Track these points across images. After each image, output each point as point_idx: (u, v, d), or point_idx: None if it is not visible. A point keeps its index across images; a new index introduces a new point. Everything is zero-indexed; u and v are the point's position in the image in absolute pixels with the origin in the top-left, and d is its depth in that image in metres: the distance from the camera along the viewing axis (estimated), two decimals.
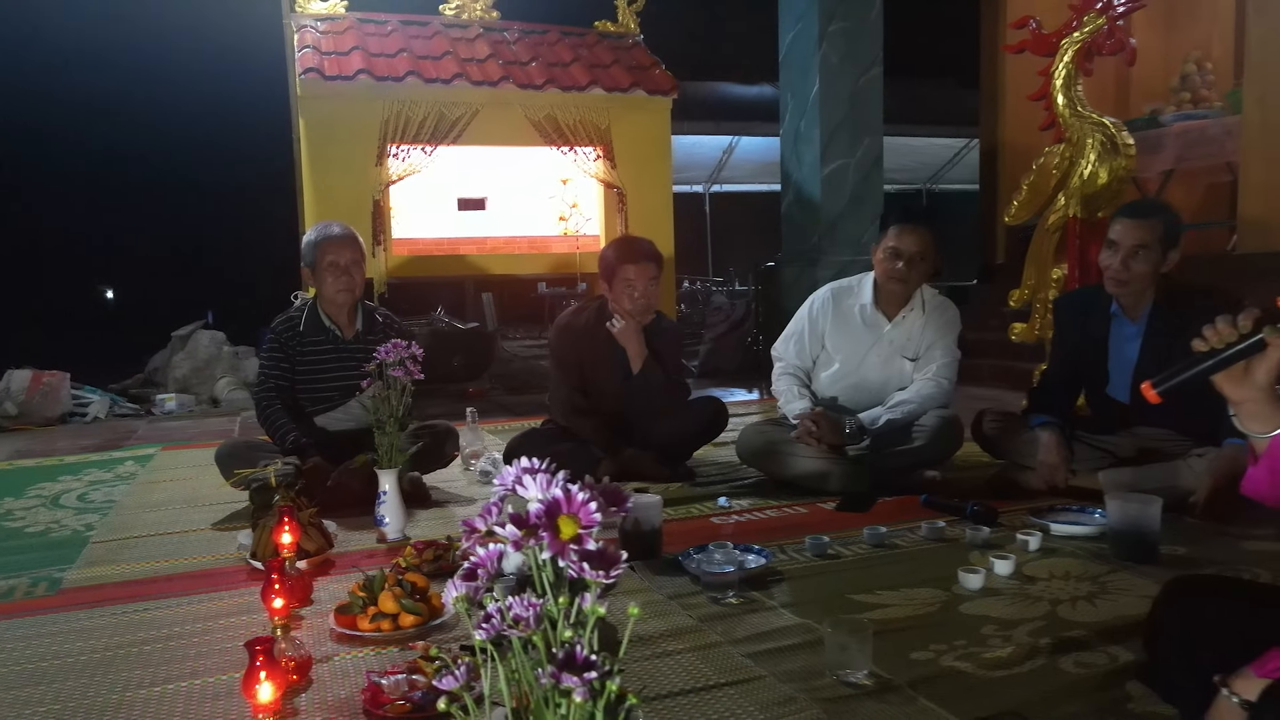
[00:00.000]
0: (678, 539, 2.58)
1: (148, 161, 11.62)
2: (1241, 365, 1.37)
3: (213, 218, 11.93)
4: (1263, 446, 1.41)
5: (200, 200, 11.87)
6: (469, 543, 0.82)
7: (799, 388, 3.37)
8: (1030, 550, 2.43)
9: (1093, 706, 1.58)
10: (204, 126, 11.31)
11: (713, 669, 1.78)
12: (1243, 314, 1.37)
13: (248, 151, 10.93)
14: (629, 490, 2.62)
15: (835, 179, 6.72)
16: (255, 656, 1.40)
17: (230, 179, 11.60)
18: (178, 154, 11.70)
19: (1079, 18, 4.43)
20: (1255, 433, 1.41)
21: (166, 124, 11.37)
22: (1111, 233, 2.93)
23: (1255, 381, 1.36)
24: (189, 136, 11.51)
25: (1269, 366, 1.35)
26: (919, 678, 1.71)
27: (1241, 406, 1.40)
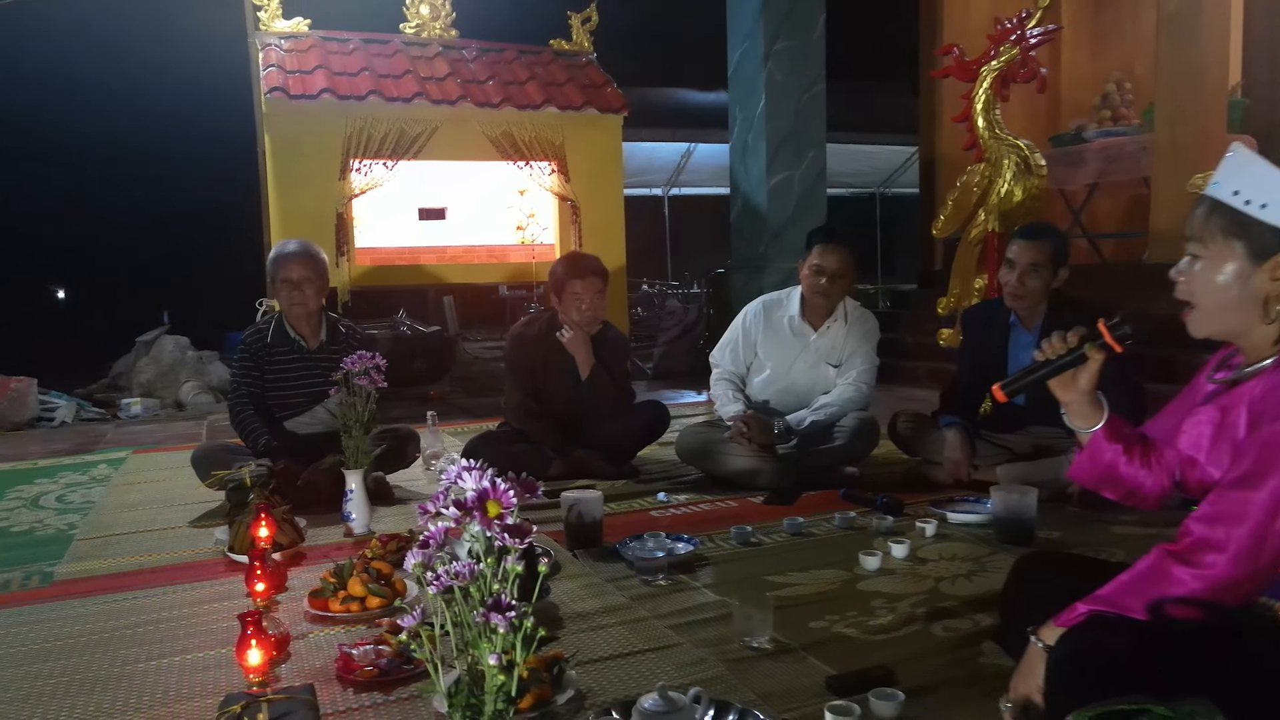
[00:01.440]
0: (619, 530, 2.87)
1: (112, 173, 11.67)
2: (1070, 374, 1.68)
3: (176, 228, 12.00)
4: (1085, 439, 1.73)
5: (164, 211, 11.94)
6: (423, 521, 1.10)
7: (733, 392, 3.67)
8: (926, 536, 2.76)
9: (950, 660, 1.91)
10: (169, 139, 11.37)
11: (639, 638, 2.08)
12: (1071, 332, 1.68)
13: (213, 164, 11.03)
14: (576, 487, 2.91)
15: (781, 190, 7.06)
16: (246, 627, 1.67)
17: (195, 191, 11.69)
18: (143, 166, 11.76)
19: (996, 48, 4.79)
20: (1080, 428, 1.73)
21: (131, 137, 11.41)
22: (1009, 252, 3.27)
23: (1079, 387, 1.68)
24: (154, 148, 11.57)
25: (1089, 375, 1.67)
26: (811, 642, 2.02)
27: (1069, 406, 1.72)
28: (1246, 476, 1.37)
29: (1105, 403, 1.70)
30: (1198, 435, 1.54)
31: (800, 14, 6.90)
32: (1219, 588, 1.38)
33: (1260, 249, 1.40)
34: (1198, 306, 1.49)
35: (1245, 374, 1.48)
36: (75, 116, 11.20)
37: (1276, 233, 1.38)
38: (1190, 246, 1.49)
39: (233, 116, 7.23)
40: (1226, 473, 1.43)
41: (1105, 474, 1.73)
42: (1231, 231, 1.42)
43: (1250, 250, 1.41)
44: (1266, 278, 1.41)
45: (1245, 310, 1.44)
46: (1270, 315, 1.42)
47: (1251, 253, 1.41)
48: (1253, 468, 1.37)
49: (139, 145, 11.49)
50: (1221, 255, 1.44)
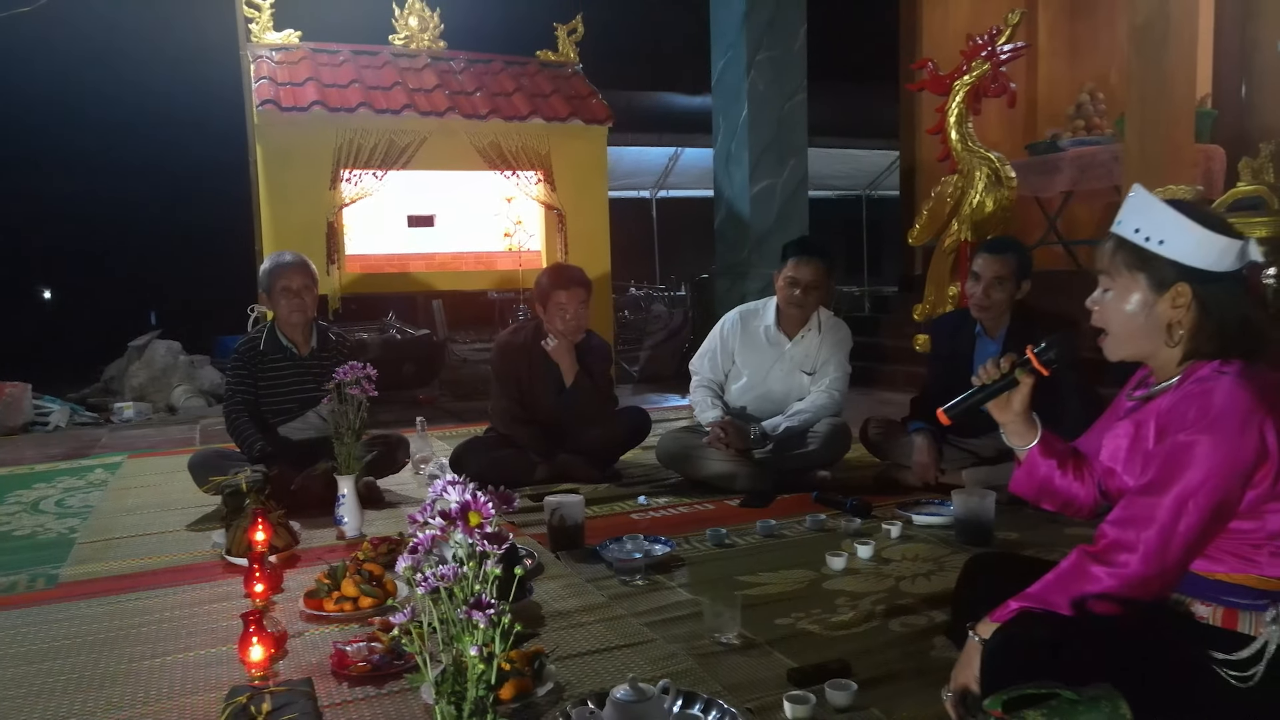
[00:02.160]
0: (600, 532, 3.00)
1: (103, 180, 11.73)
2: (1005, 396, 1.83)
3: (166, 235, 12.07)
4: (1022, 456, 1.88)
5: (154, 218, 12.01)
6: (412, 529, 1.23)
7: (712, 399, 3.82)
8: (892, 537, 2.91)
9: (903, 654, 2.05)
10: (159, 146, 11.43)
11: (615, 635, 2.21)
12: (1004, 358, 1.83)
13: (203, 172, 11.12)
14: (559, 490, 3.04)
15: (763, 197, 7.20)
16: (248, 625, 1.80)
17: (186, 198, 11.76)
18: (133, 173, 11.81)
19: (968, 63, 4.96)
20: (1017, 446, 1.88)
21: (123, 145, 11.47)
22: (975, 266, 3.42)
23: (1014, 408, 1.83)
24: (145, 157, 11.63)
25: (1021, 397, 1.81)
26: (777, 637, 2.16)
27: (1006, 426, 1.87)
28: (1153, 483, 1.52)
29: (1038, 422, 1.85)
30: (1115, 447, 1.69)
31: (782, 25, 7.05)
32: (1132, 585, 1.52)
33: (1160, 280, 1.56)
34: (1110, 333, 1.65)
35: (1155, 391, 1.63)
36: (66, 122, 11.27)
37: (1173, 265, 1.54)
38: (1101, 279, 1.64)
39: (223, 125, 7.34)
40: (1136, 480, 1.58)
41: (1042, 487, 1.88)
42: (1135, 265, 1.58)
43: (1152, 282, 1.57)
44: (1167, 306, 1.56)
45: (1151, 335, 1.59)
46: (1173, 339, 1.57)
47: (1153, 284, 1.57)
48: (1158, 475, 1.52)
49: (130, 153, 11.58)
50: (1128, 287, 1.60)
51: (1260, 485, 1.50)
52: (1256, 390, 1.50)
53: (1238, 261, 1.56)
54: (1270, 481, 1.50)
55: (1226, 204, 3.78)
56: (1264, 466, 1.49)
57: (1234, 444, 1.48)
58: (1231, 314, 1.56)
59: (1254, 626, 1.55)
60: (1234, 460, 1.48)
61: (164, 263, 12.46)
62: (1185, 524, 1.49)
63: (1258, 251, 1.56)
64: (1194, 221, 1.54)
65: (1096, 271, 1.65)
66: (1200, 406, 1.52)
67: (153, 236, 12.20)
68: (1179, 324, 1.57)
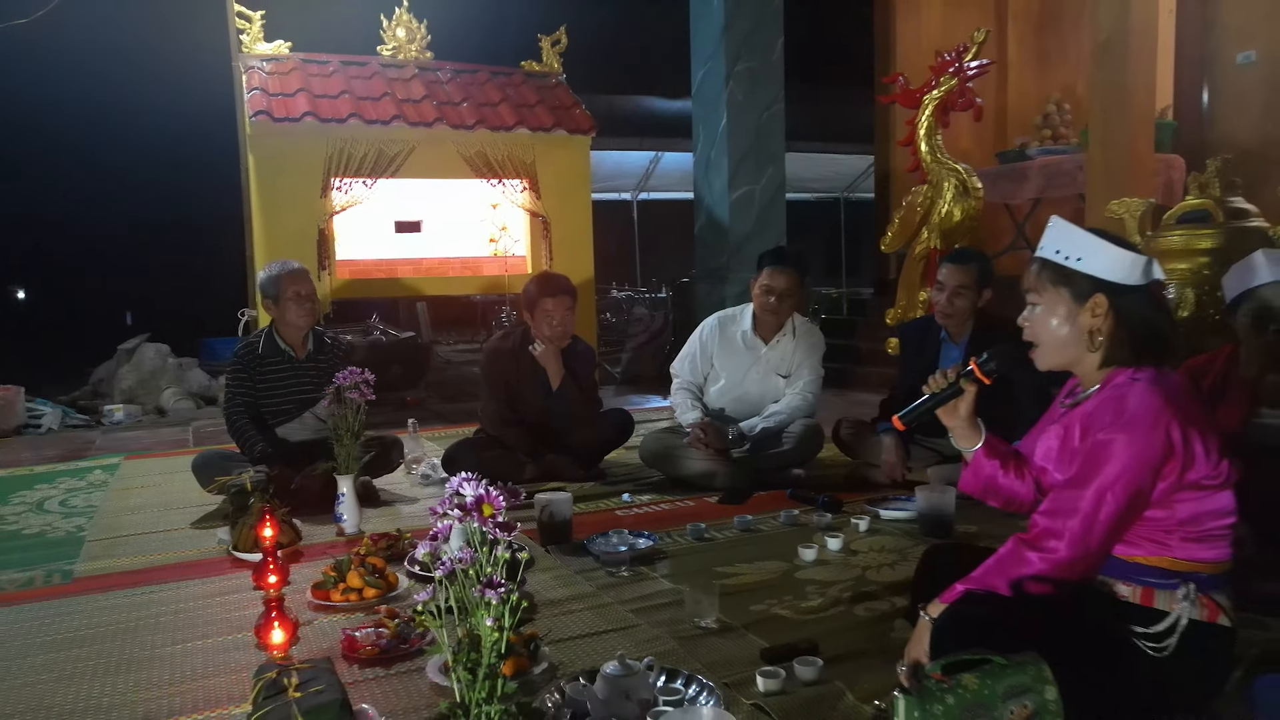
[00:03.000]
0: (587, 528, 3.18)
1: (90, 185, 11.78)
2: (952, 404, 2.03)
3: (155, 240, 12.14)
4: (969, 457, 2.09)
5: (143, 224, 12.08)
6: (433, 520, 1.41)
7: (692, 400, 4.01)
8: (860, 531, 3.11)
9: (866, 635, 2.25)
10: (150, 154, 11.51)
11: (603, 621, 2.40)
12: (950, 369, 2.03)
13: (192, 179, 11.21)
14: (548, 489, 3.22)
15: (742, 204, 7.41)
16: (270, 609, 1.98)
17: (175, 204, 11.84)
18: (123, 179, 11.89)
19: (936, 78, 5.18)
20: (964, 449, 2.08)
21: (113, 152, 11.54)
22: (939, 275, 3.63)
23: (959, 414, 2.03)
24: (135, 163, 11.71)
25: (966, 404, 2.02)
26: (752, 621, 2.36)
27: (953, 431, 2.07)
28: (1076, 478, 1.73)
29: (982, 426, 2.05)
30: (1048, 448, 1.90)
31: (760, 38, 7.26)
32: (1061, 567, 1.73)
33: (1080, 293, 1.78)
34: (1040, 344, 1.86)
35: (1081, 398, 1.85)
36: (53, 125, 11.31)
37: (1090, 279, 1.77)
38: (1029, 297, 1.86)
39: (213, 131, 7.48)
40: (1063, 475, 1.79)
41: (986, 485, 2.08)
42: (1058, 281, 1.80)
43: (1073, 294, 1.79)
44: (1088, 315, 1.78)
45: (1075, 343, 1.81)
46: (1094, 345, 1.79)
47: (1074, 296, 1.79)
48: (1081, 470, 1.73)
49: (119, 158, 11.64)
50: (1053, 301, 1.82)
51: (1169, 478, 1.71)
52: (1164, 394, 1.72)
53: (1144, 277, 1.78)
54: (1177, 474, 1.71)
55: (1175, 216, 4.01)
56: (1171, 461, 1.70)
57: (1145, 441, 1.69)
58: (1142, 322, 1.79)
59: (1169, 603, 1.76)
60: (1146, 456, 1.69)
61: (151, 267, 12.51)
62: (1105, 513, 1.70)
63: (1159, 270, 1.79)
64: (1106, 241, 1.78)
65: (1025, 291, 1.86)
66: (1116, 409, 1.74)
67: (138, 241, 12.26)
68: (1098, 331, 1.79)
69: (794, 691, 1.96)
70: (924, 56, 7.13)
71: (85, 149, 11.45)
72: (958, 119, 5.60)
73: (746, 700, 1.92)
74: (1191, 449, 1.71)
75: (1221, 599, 1.80)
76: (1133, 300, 1.78)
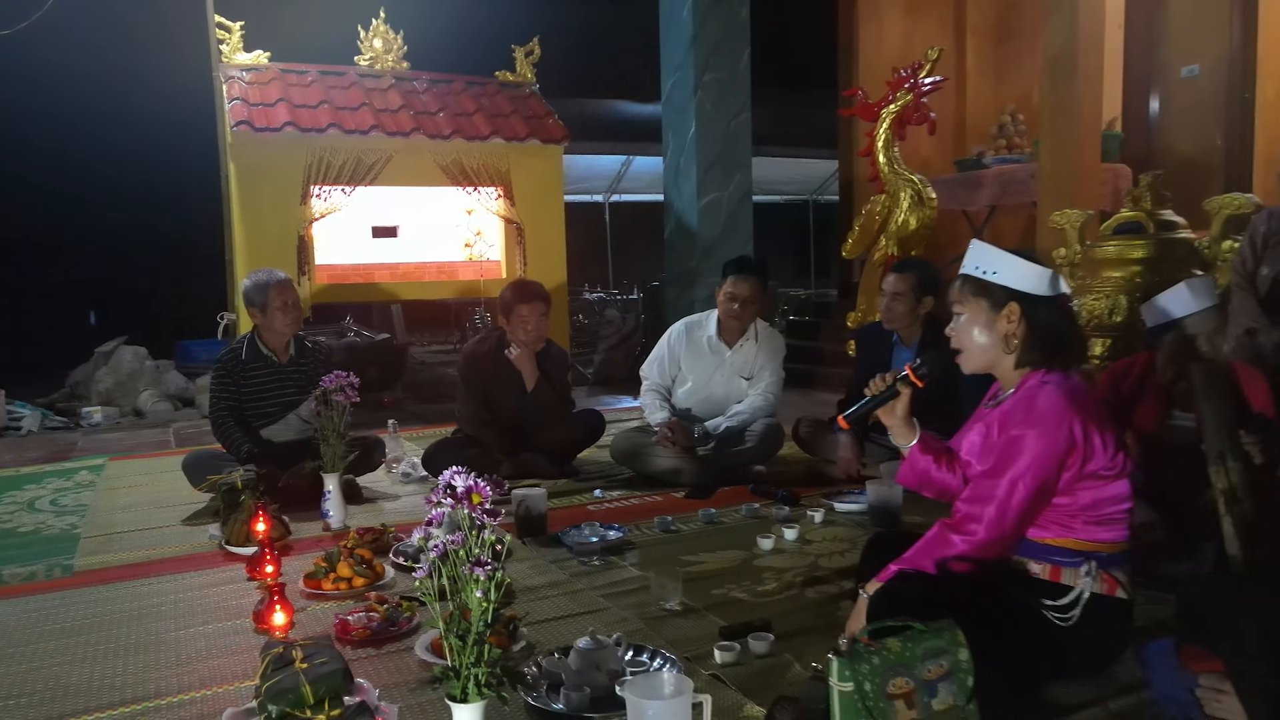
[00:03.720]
0: (561, 521, 3.39)
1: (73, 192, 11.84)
2: (890, 404, 2.27)
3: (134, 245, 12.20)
4: (906, 453, 2.32)
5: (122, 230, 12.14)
6: (428, 506, 1.61)
7: (660, 401, 4.23)
8: (815, 522, 3.35)
9: (815, 615, 2.48)
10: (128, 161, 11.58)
11: (576, 605, 2.62)
12: (889, 374, 2.27)
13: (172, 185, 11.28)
14: (524, 485, 3.42)
15: (710, 210, 7.64)
16: (272, 594, 2.17)
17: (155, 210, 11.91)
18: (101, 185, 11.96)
19: (893, 93, 5.43)
20: (901, 445, 2.32)
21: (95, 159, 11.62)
22: (883, 284, 3.88)
23: (896, 414, 2.27)
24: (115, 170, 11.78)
25: (902, 405, 2.26)
26: (712, 604, 2.58)
27: (891, 429, 2.31)
28: (993, 469, 1.97)
29: (917, 425, 2.29)
30: (971, 444, 2.14)
31: (727, 49, 7.49)
32: (979, 548, 1.97)
33: (997, 302, 2.04)
34: (964, 349, 2.11)
35: (1001, 399, 2.10)
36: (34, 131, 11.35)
37: (1005, 290, 2.03)
38: (955, 309, 2.11)
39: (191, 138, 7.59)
40: (983, 467, 2.03)
41: (921, 478, 2.33)
42: (978, 293, 2.06)
43: (991, 303, 2.05)
44: (1004, 322, 2.03)
45: (993, 347, 2.06)
46: (1009, 348, 2.05)
47: (992, 305, 2.05)
48: (996, 462, 1.98)
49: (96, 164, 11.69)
50: (974, 311, 2.07)
51: (1071, 469, 1.96)
52: (1068, 396, 1.97)
53: (1052, 289, 2.04)
54: (1078, 466, 1.96)
55: (1111, 228, 4.28)
56: (1074, 454, 1.95)
57: (1052, 437, 1.94)
58: (1050, 328, 2.04)
59: (1073, 579, 2.01)
60: (1052, 449, 1.94)
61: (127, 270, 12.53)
62: (1017, 499, 1.95)
63: (1066, 284, 2.04)
64: (1018, 257, 2.05)
65: (951, 303, 2.10)
66: (1027, 408, 1.99)
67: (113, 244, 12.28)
68: (1013, 335, 2.04)
69: (747, 663, 2.19)
70: (885, 67, 7.39)
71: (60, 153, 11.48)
72: (916, 129, 5.85)
73: (705, 671, 2.14)
74: (1091, 443, 1.96)
75: (1119, 574, 2.05)
76: (1042, 309, 2.04)
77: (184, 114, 8.47)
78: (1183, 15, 7.31)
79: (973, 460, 2.13)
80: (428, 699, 2.05)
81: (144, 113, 10.85)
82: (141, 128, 11.05)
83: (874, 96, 5.66)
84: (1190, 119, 7.32)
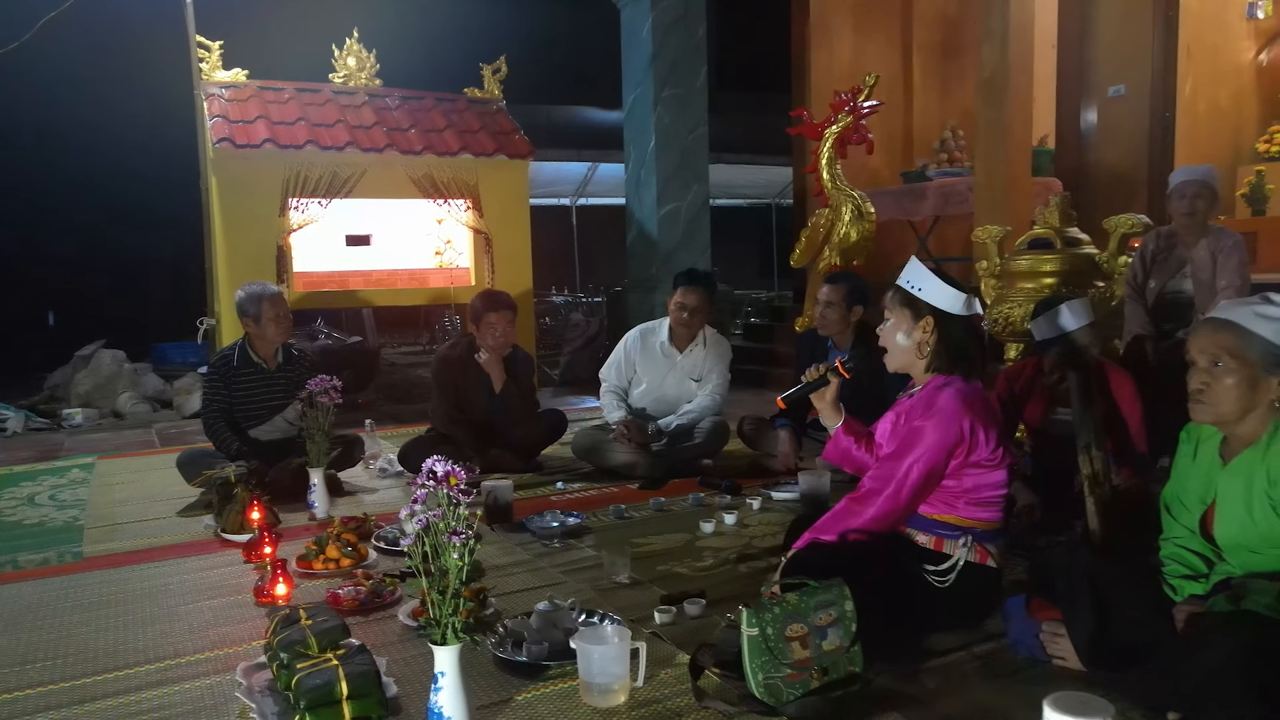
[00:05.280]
0: (526, 509, 3.76)
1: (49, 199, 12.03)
2: (820, 391, 2.68)
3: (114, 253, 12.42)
4: (832, 433, 2.73)
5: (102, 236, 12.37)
6: (414, 487, 1.98)
7: (617, 401, 4.62)
8: (754, 509, 3.76)
9: (744, 585, 2.88)
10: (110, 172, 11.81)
11: (538, 580, 3.00)
12: (822, 365, 2.68)
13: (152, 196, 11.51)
14: (493, 479, 3.79)
15: (670, 219, 8.06)
16: (275, 569, 2.53)
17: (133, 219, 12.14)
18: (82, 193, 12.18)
19: (835, 115, 5.85)
20: (829, 426, 2.73)
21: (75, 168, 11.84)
22: (818, 294, 4.30)
23: (826, 399, 2.68)
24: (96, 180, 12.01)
25: (831, 392, 2.67)
26: (657, 577, 2.97)
27: (821, 412, 2.73)
28: (895, 452, 2.39)
29: (843, 409, 2.70)
30: (883, 430, 2.56)
31: (685, 67, 7.92)
32: (877, 520, 2.38)
33: (918, 314, 2.45)
34: (889, 350, 2.53)
35: (912, 393, 2.51)
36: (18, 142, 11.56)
37: (927, 305, 2.43)
38: (886, 314, 2.51)
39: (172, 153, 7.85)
40: (887, 450, 2.45)
41: (843, 455, 2.74)
42: (905, 303, 2.47)
43: (913, 314, 2.46)
44: (920, 331, 2.44)
45: (910, 352, 2.47)
46: (922, 354, 2.46)
47: (913, 315, 2.46)
48: (898, 448, 2.39)
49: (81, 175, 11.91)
50: (899, 318, 2.48)
51: (959, 458, 2.38)
52: (963, 398, 2.38)
53: (966, 309, 2.45)
54: (964, 455, 2.38)
55: (1025, 242, 4.72)
56: (961, 446, 2.36)
57: (945, 430, 2.36)
58: (956, 342, 2.45)
59: (953, 549, 2.43)
60: (944, 441, 2.35)
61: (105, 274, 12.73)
62: (911, 479, 2.36)
63: (978, 305, 2.45)
64: (940, 279, 2.45)
65: (883, 309, 2.51)
66: (928, 404, 2.41)
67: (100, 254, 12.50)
68: (926, 343, 2.45)
69: (682, 623, 2.58)
70: (837, 82, 7.80)
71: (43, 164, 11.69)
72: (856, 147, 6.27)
73: (646, 630, 2.53)
74: (977, 438, 2.38)
75: (991, 548, 2.47)
76: (955, 325, 2.44)
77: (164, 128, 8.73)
78: (1110, 39, 7.81)
79: (883, 443, 2.54)
80: (410, 655, 2.42)
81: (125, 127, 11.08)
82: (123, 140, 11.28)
83: (819, 117, 6.07)
84: (1117, 136, 7.82)
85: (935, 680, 2.20)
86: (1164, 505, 2.19)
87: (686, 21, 8.01)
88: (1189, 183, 4.09)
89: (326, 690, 1.80)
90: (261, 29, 10.36)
